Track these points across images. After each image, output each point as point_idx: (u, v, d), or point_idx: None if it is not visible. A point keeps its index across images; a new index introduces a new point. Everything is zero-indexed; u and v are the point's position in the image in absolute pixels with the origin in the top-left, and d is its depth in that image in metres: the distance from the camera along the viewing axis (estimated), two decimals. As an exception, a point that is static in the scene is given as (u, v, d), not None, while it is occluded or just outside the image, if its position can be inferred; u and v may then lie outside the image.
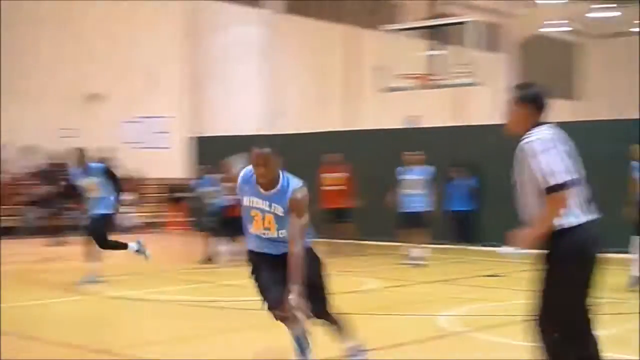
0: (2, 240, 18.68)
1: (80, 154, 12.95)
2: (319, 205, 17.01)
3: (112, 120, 25.76)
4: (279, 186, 5.97)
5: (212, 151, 21.85)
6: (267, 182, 5.92)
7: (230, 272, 13.86)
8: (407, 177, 15.18)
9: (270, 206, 5.98)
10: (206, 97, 29.90)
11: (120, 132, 25.47)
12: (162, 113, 26.43)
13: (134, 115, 25.92)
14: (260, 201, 6.01)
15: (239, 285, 12.51)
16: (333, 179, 17.15)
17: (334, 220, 17.18)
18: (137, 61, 27.60)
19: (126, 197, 24.74)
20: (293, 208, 5.93)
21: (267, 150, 5.88)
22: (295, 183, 5.99)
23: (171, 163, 25.44)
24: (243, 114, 29.68)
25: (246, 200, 6.10)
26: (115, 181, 12.91)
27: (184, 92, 29.21)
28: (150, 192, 26.13)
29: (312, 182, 16.85)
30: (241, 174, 6.15)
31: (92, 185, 12.64)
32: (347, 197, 17.03)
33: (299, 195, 5.94)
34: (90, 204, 12.69)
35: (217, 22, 30.35)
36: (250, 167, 6.04)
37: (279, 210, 5.96)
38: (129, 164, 25.63)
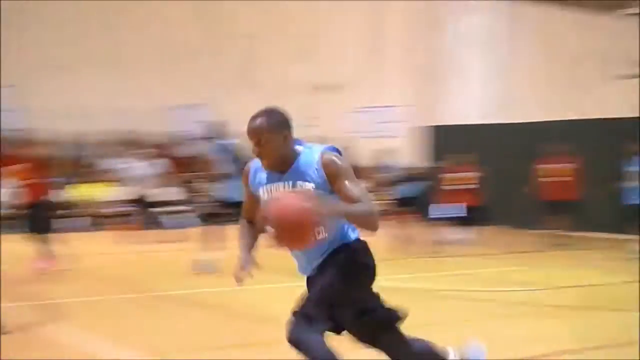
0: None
1: (213, 128, 12.71)
2: (537, 196, 16.72)
3: (347, 109, 26.27)
4: (298, 161, 4.43)
5: (446, 140, 22.02)
6: (273, 164, 4.44)
7: (455, 262, 13.89)
8: (631, 168, 14.74)
9: (294, 184, 4.42)
10: (439, 86, 29.94)
11: (351, 121, 25.98)
12: (395, 102, 26.70)
13: (367, 105, 26.33)
14: (281, 185, 4.47)
15: (465, 275, 12.58)
16: (555, 170, 16.71)
17: (551, 212, 16.74)
18: (373, 51, 27.98)
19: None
20: (333, 172, 4.36)
21: (260, 121, 4.40)
22: (319, 147, 4.45)
23: (404, 152, 25.53)
24: (475, 103, 29.56)
25: (264, 191, 4.55)
26: (235, 163, 12.10)
27: (417, 82, 29.37)
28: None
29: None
30: (251, 163, 4.67)
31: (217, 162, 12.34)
32: (569, 189, 16.48)
33: (331, 156, 4.39)
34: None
35: (450, 11, 30.33)
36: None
37: (309, 186, 4.37)
38: (362, 153, 26.06)
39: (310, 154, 4.42)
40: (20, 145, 12.50)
